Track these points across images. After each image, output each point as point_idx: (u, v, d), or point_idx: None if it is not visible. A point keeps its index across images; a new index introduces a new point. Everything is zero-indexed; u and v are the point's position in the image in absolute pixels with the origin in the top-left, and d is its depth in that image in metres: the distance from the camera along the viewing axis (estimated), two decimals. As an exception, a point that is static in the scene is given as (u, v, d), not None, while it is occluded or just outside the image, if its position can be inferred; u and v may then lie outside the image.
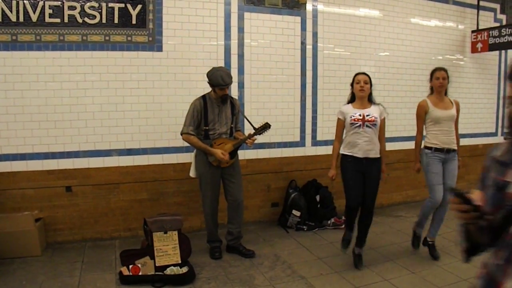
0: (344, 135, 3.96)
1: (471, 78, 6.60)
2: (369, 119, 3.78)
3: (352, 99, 3.97)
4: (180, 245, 3.89)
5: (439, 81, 4.03)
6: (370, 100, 3.92)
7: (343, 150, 3.92)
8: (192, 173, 4.22)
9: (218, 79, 3.90)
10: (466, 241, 1.46)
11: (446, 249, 4.30)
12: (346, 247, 4.10)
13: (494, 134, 7.09)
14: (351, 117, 3.81)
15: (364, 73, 3.91)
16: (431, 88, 4.16)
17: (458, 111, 4.12)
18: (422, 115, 4.12)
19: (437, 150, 4.03)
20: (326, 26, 5.39)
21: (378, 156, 3.88)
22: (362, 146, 3.79)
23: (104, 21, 4.37)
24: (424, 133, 4.19)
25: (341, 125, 3.95)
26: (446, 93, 4.14)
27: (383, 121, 3.91)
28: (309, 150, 5.45)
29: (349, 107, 3.91)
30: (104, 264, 4.01)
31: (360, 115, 3.80)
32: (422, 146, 4.18)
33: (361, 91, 3.83)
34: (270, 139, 5.13)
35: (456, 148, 4.10)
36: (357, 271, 3.88)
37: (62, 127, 4.37)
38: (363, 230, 4.02)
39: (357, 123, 3.79)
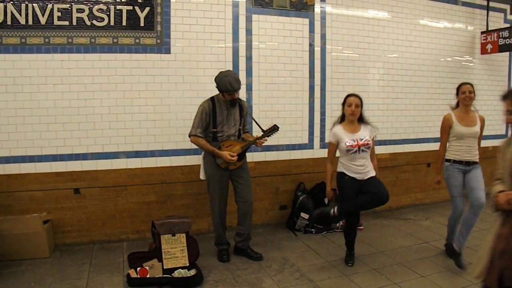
0: (339, 155, 4.04)
1: (480, 80, 6.53)
2: (364, 143, 3.88)
3: (342, 118, 4.02)
4: (188, 247, 3.87)
5: (465, 95, 4.01)
6: (360, 120, 3.99)
7: (341, 169, 3.97)
8: (202, 176, 4.20)
9: (226, 85, 3.88)
10: None
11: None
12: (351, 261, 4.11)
13: (504, 136, 7.00)
14: (346, 143, 3.86)
15: (356, 95, 3.95)
16: (457, 103, 4.14)
17: (482, 127, 4.09)
18: (446, 128, 4.09)
19: (456, 162, 4.03)
20: (334, 28, 5.36)
21: (374, 174, 3.99)
22: (359, 170, 3.91)
23: (112, 23, 4.39)
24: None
25: (333, 149, 4.04)
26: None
27: (373, 141, 4.00)
28: (317, 152, 5.42)
29: (341, 131, 3.95)
30: (112, 266, 4.01)
31: (354, 140, 3.87)
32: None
33: (351, 115, 3.91)
34: (278, 142, 5.12)
35: (477, 160, 4.07)
36: (366, 275, 3.84)
37: (71, 129, 4.38)
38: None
39: (353, 149, 3.86)
